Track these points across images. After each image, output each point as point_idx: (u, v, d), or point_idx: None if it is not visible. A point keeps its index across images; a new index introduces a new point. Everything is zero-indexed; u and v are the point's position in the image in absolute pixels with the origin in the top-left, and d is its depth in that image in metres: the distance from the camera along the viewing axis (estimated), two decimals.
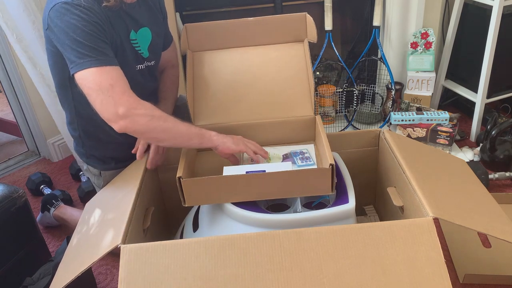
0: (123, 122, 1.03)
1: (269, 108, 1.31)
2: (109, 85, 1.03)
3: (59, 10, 1.03)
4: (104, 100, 1.03)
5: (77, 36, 1.02)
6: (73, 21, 1.02)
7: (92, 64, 1.03)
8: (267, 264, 0.84)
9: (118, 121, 1.03)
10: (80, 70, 1.03)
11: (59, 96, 1.27)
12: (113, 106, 1.02)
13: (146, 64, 1.28)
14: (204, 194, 1.05)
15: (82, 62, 1.03)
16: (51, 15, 1.05)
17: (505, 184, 1.77)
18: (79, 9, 1.03)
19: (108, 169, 1.35)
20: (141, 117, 1.04)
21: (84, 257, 0.95)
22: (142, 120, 1.04)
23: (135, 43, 1.22)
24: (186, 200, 1.06)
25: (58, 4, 1.04)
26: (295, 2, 2.23)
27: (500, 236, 0.92)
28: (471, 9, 2.02)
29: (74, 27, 1.02)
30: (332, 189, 1.05)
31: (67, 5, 1.03)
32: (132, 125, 1.04)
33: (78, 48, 1.03)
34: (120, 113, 1.02)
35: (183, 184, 1.04)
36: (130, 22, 1.19)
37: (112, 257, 1.52)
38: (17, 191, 1.30)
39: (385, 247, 0.85)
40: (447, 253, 1.42)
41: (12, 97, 2.10)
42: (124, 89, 1.05)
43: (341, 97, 2.18)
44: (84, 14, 1.03)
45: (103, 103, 1.03)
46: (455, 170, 1.21)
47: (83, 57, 1.03)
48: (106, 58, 1.05)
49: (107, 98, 1.02)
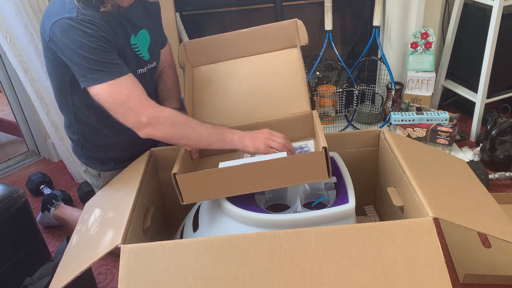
0: (146, 130, 1.07)
1: (267, 108, 1.32)
2: (126, 96, 1.05)
3: (63, 26, 1.02)
4: (125, 113, 1.06)
5: (85, 52, 1.02)
6: (79, 37, 1.02)
7: (104, 78, 1.04)
8: (267, 264, 0.84)
9: (142, 129, 1.08)
10: (93, 85, 1.04)
11: (58, 101, 1.26)
12: (134, 116, 1.06)
13: (148, 67, 1.28)
14: (201, 189, 1.05)
15: (94, 77, 1.04)
16: (54, 29, 1.03)
17: (505, 184, 1.77)
18: (83, 25, 1.02)
19: (107, 170, 1.34)
20: (163, 125, 1.07)
21: (84, 257, 0.95)
22: (164, 128, 1.07)
23: (135, 48, 1.21)
24: (184, 197, 1.06)
25: (62, 20, 1.02)
26: (295, 2, 2.23)
27: (500, 236, 0.92)
28: (471, 9, 2.02)
29: (81, 44, 1.02)
30: (329, 174, 1.03)
31: (71, 21, 1.02)
32: (155, 133, 1.08)
33: (87, 64, 1.03)
34: (143, 122, 1.06)
35: (178, 180, 1.04)
36: (129, 27, 1.18)
37: (112, 257, 1.52)
38: (17, 191, 1.30)
39: (385, 247, 0.85)
40: (447, 253, 1.42)
41: (12, 97, 2.10)
42: (141, 97, 1.07)
43: (341, 97, 2.18)
44: (89, 29, 1.03)
45: (124, 115, 1.06)
46: (455, 170, 1.21)
47: (95, 72, 1.03)
48: (117, 69, 1.06)
49: (127, 110, 1.05)
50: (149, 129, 1.07)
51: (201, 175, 1.03)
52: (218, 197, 1.08)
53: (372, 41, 2.10)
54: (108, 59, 1.05)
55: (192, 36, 2.19)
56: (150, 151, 1.29)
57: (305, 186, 1.19)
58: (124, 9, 1.17)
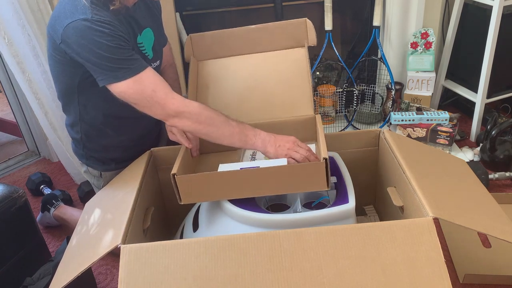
0: (173, 120, 1.11)
1: (271, 109, 1.32)
2: (151, 91, 1.07)
3: (79, 28, 1.02)
4: (153, 107, 1.08)
5: (105, 52, 1.02)
6: (97, 38, 1.02)
7: (127, 75, 1.05)
8: (267, 264, 0.84)
9: (169, 119, 1.11)
10: (115, 82, 1.05)
11: (63, 102, 1.26)
12: (162, 109, 1.08)
13: (152, 66, 1.27)
14: (200, 191, 1.05)
15: (116, 75, 1.04)
16: (68, 32, 1.03)
17: (505, 184, 1.77)
18: (99, 25, 1.02)
19: (108, 170, 1.35)
20: (188, 119, 1.10)
21: (84, 257, 0.95)
22: (188, 122, 1.10)
23: (141, 47, 1.21)
24: (182, 197, 1.07)
25: (77, 21, 1.02)
26: (295, 2, 2.23)
27: (500, 236, 0.92)
28: (471, 9, 2.02)
29: (100, 44, 1.02)
30: (328, 185, 1.04)
31: (87, 22, 1.02)
32: (181, 124, 1.11)
33: (108, 63, 1.03)
34: (171, 114, 1.09)
35: (177, 180, 1.04)
36: (135, 26, 1.19)
37: (112, 257, 1.52)
38: (17, 191, 1.30)
39: (385, 247, 0.85)
40: (447, 253, 1.42)
41: (12, 97, 2.10)
42: (165, 91, 1.08)
43: (341, 97, 2.18)
44: (106, 29, 1.03)
45: (152, 109, 1.09)
46: (455, 170, 1.21)
47: (117, 70, 1.04)
48: (138, 64, 1.07)
49: (154, 104, 1.08)
50: (176, 119, 1.10)
51: (200, 177, 1.04)
52: (216, 199, 1.09)
53: (372, 41, 2.10)
54: (128, 56, 1.05)
55: None
56: (150, 151, 1.29)
57: None
58: (129, 9, 1.17)
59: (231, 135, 1.12)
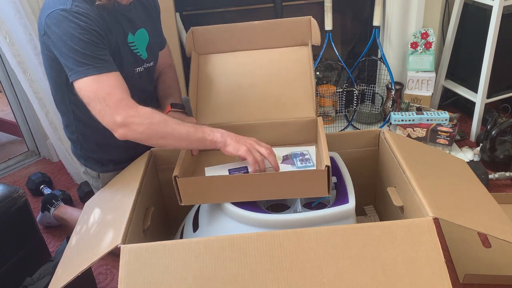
0: (122, 130, 1.03)
1: (272, 109, 1.31)
2: (106, 93, 1.02)
3: (56, 17, 1.02)
4: (102, 110, 1.03)
5: (75, 44, 1.02)
6: (71, 29, 1.02)
7: (89, 72, 1.02)
8: (267, 264, 0.84)
9: (117, 129, 1.03)
10: (78, 78, 1.03)
11: (56, 100, 1.26)
12: (111, 115, 1.02)
13: (145, 65, 1.27)
14: (201, 193, 1.06)
15: (80, 70, 1.02)
16: (47, 21, 1.04)
17: (505, 184, 1.77)
18: (76, 16, 1.02)
19: (106, 171, 1.34)
20: (139, 125, 1.03)
21: (84, 257, 0.95)
22: (140, 128, 1.03)
23: (133, 46, 1.21)
24: (183, 199, 1.07)
25: (55, 11, 1.03)
26: (295, 2, 2.23)
27: (500, 236, 0.92)
28: (471, 9, 2.02)
29: (71, 36, 1.02)
30: (329, 191, 1.04)
31: (65, 12, 1.02)
32: (131, 134, 1.03)
33: (75, 57, 1.02)
34: (118, 122, 1.02)
35: (179, 183, 1.04)
36: (126, 25, 1.18)
37: (112, 257, 1.52)
38: (17, 191, 1.30)
39: (385, 247, 0.85)
40: (447, 253, 1.42)
41: (12, 97, 2.10)
42: (121, 96, 1.03)
43: (341, 97, 2.18)
44: (82, 21, 1.02)
45: (101, 112, 1.03)
46: (455, 170, 1.21)
47: (81, 65, 1.02)
48: (104, 65, 1.04)
49: (104, 107, 1.02)
50: (124, 129, 1.03)
51: (202, 181, 1.04)
52: (216, 202, 1.09)
53: (372, 41, 2.10)
54: (97, 54, 1.04)
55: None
56: (150, 151, 1.29)
57: None
58: (123, 7, 1.17)
59: (187, 134, 1.07)
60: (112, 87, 1.03)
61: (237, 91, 1.34)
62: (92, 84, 1.02)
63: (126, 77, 1.18)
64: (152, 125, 1.04)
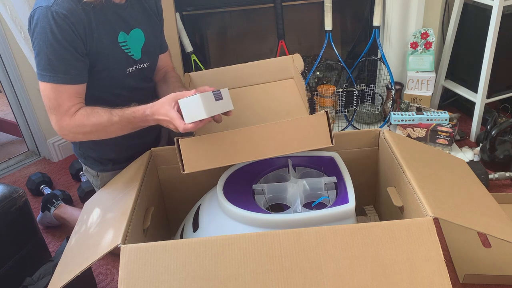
0: (65, 138, 1.18)
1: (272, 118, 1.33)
2: (57, 104, 1.10)
3: (37, 15, 1.04)
4: (51, 117, 1.13)
5: (46, 47, 1.05)
6: (46, 29, 1.03)
7: (50, 79, 1.08)
8: (267, 264, 0.84)
9: (62, 136, 1.16)
10: (40, 80, 1.09)
11: None
12: (55, 124, 1.13)
13: (138, 66, 1.25)
14: (203, 155, 1.05)
15: (43, 74, 1.08)
16: (31, 17, 1.06)
17: (505, 184, 1.77)
18: (54, 17, 1.03)
19: (105, 170, 1.34)
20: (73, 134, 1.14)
21: (84, 257, 0.95)
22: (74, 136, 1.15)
23: (124, 45, 1.19)
24: (185, 165, 1.05)
25: (38, 8, 1.04)
26: (295, 2, 2.23)
27: (500, 236, 0.92)
28: (471, 9, 2.02)
29: (45, 38, 1.04)
30: (332, 141, 1.05)
31: (45, 10, 1.03)
32: (70, 139, 1.18)
33: (42, 61, 1.06)
34: (59, 132, 1.14)
35: (181, 144, 1.04)
36: (119, 24, 1.17)
37: (112, 257, 1.52)
38: (17, 191, 1.30)
39: (385, 247, 0.85)
40: (447, 253, 1.42)
41: (12, 97, 2.10)
42: (68, 111, 1.11)
43: (341, 97, 2.18)
44: (57, 25, 1.03)
45: (50, 118, 1.13)
46: (455, 170, 1.21)
47: (44, 70, 1.07)
48: (65, 77, 1.08)
49: (51, 115, 1.12)
50: (66, 138, 1.17)
51: (204, 139, 1.04)
52: (219, 165, 1.07)
53: (372, 41, 2.10)
54: (63, 63, 1.07)
55: (192, 36, 2.19)
56: (150, 151, 1.29)
57: (305, 186, 1.19)
58: (116, 5, 1.16)
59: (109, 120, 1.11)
60: (64, 99, 1.10)
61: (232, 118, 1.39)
62: (49, 91, 1.09)
63: (115, 76, 1.18)
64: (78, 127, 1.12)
